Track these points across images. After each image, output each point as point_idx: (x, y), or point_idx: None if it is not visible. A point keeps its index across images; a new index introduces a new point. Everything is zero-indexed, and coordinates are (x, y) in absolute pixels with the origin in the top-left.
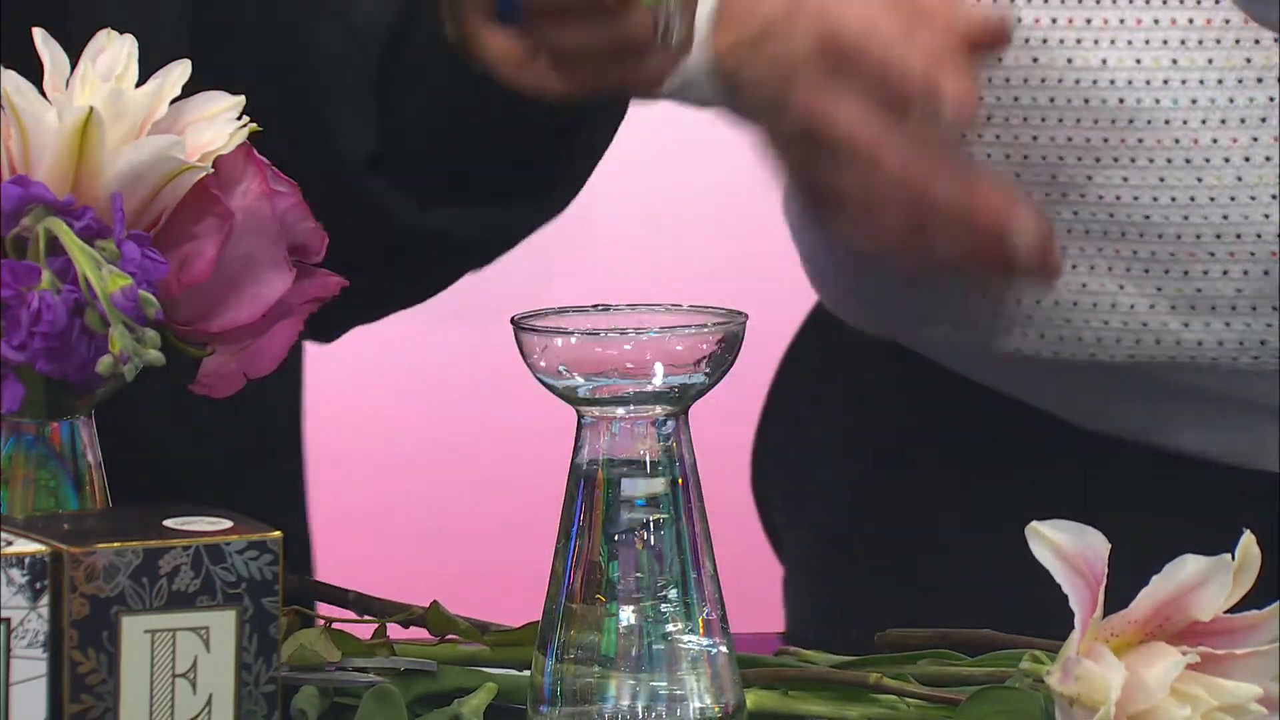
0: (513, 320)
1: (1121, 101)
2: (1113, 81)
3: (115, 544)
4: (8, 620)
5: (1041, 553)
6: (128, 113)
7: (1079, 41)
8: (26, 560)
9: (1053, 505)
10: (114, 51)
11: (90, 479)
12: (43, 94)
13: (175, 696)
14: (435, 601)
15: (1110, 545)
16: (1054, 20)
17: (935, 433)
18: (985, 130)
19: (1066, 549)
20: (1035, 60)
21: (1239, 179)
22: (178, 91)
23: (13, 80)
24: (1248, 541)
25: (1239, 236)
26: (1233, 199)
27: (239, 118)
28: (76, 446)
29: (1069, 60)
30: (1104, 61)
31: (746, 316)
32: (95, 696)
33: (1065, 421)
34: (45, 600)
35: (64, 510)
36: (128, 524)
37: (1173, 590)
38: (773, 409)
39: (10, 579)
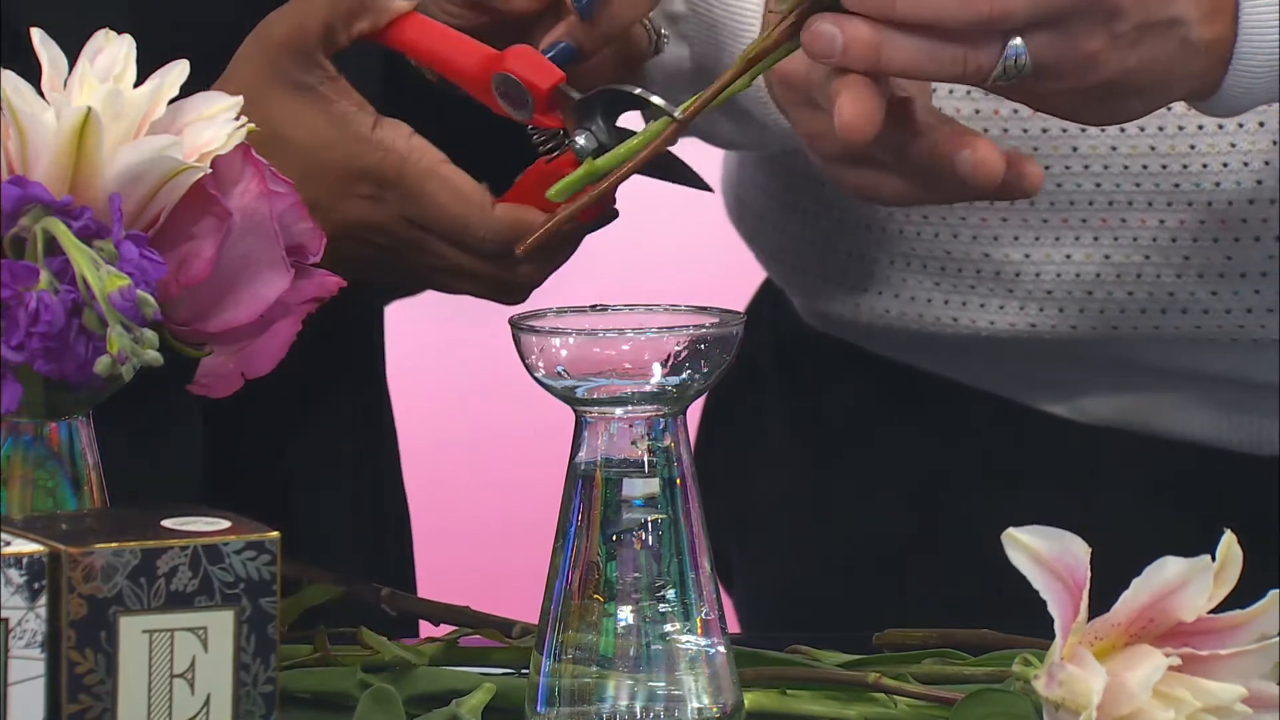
0: (511, 321)
1: None
2: None
3: (113, 544)
4: (6, 620)
5: (1019, 559)
6: (126, 113)
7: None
8: (25, 560)
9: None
10: (112, 51)
11: (88, 479)
12: (41, 94)
13: (173, 697)
14: (362, 628)
15: (1090, 549)
16: None
17: (886, 429)
18: (1001, 103)
19: (1044, 555)
20: None
21: (1274, 142)
22: (176, 91)
23: (11, 80)
24: (1228, 541)
25: (1272, 201)
26: (1266, 163)
27: (237, 118)
28: (75, 447)
29: None
30: None
31: (745, 317)
32: (93, 696)
33: (1044, 411)
34: (43, 600)
35: (62, 510)
36: (126, 524)
37: (1154, 593)
38: (709, 428)
39: (8, 579)
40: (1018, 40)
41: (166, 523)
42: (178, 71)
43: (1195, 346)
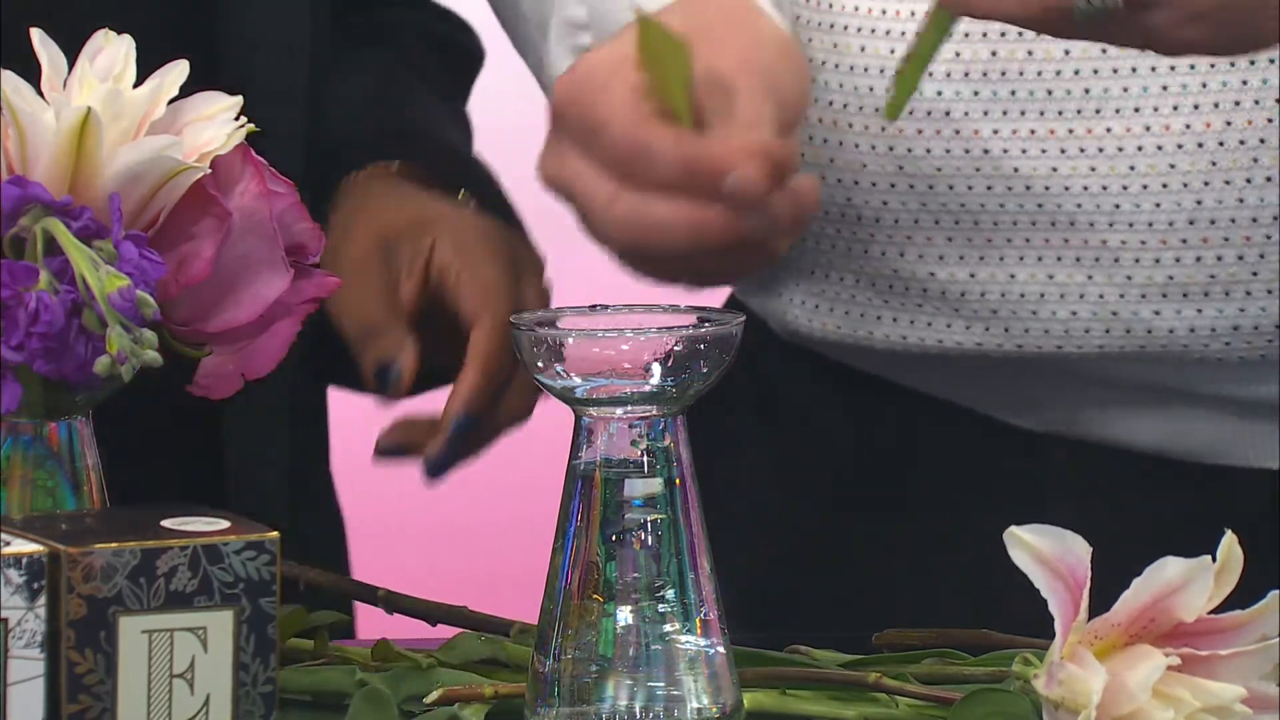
0: (511, 321)
1: (1087, 91)
2: (1077, 71)
3: (113, 544)
4: (5, 620)
5: (1020, 557)
6: (125, 113)
7: (1036, 34)
8: (24, 560)
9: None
10: (112, 51)
11: (88, 479)
12: (40, 94)
13: (173, 697)
14: (383, 639)
15: (1091, 548)
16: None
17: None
18: (943, 124)
19: (1046, 553)
20: (994, 54)
21: (1213, 164)
22: (175, 91)
23: (11, 80)
24: (1229, 542)
25: (1212, 222)
26: (1206, 184)
27: (236, 118)
28: (74, 447)
29: (1029, 52)
30: (1066, 52)
31: (744, 317)
32: (93, 697)
33: (994, 419)
34: (43, 600)
35: (62, 510)
36: (125, 524)
37: (1155, 592)
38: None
39: (8, 579)
40: None
41: (166, 523)
42: (177, 71)
43: (1142, 363)
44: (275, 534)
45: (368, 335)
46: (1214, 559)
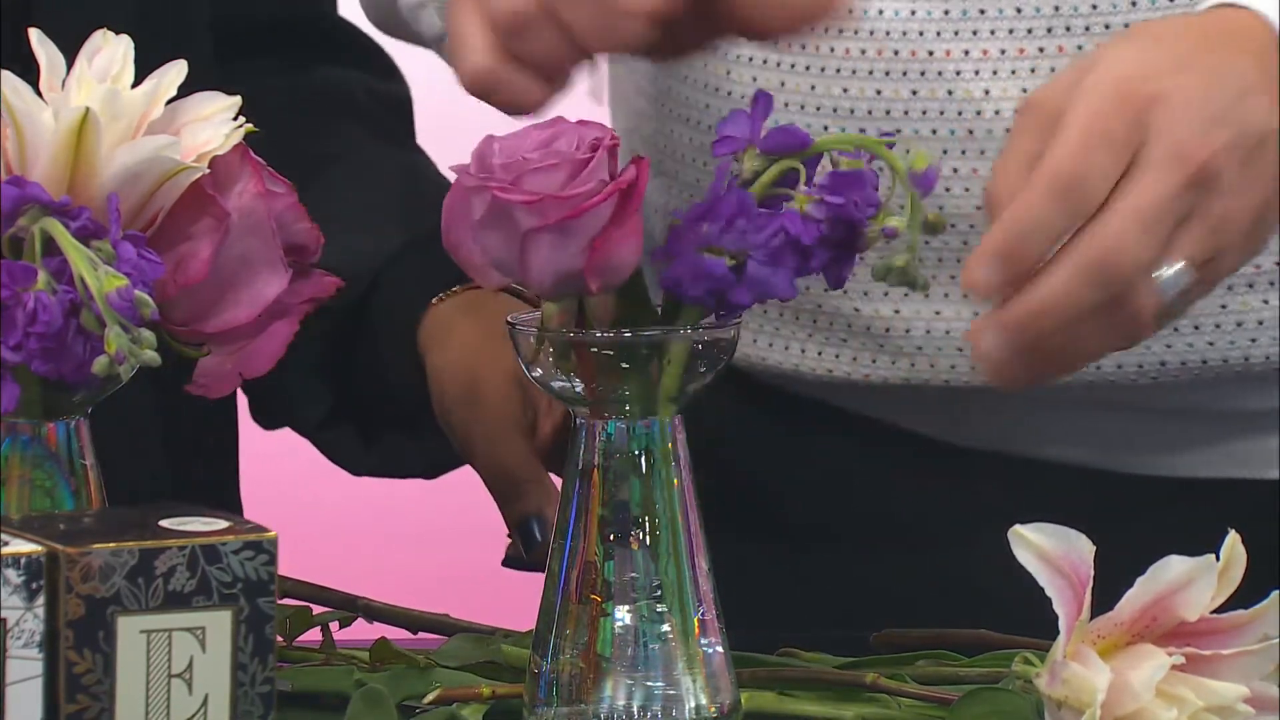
0: (509, 321)
1: (1007, 131)
2: (998, 112)
3: (111, 544)
4: (4, 620)
5: (1025, 556)
6: (124, 113)
7: (958, 73)
8: (22, 560)
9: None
10: (110, 52)
11: (86, 479)
12: (39, 94)
13: (171, 697)
14: (383, 638)
15: (1095, 548)
16: (930, 53)
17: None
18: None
19: (1050, 552)
20: (914, 93)
21: None
22: (174, 92)
23: (9, 80)
24: (1232, 541)
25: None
26: None
27: (235, 118)
28: (72, 447)
29: (949, 91)
30: (986, 92)
31: (740, 319)
32: (91, 697)
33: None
34: (41, 600)
35: (60, 510)
36: (124, 524)
37: (1158, 592)
38: None
39: (6, 579)
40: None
41: (164, 523)
42: (175, 71)
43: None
44: (274, 534)
45: (512, 489)
46: (1217, 557)
